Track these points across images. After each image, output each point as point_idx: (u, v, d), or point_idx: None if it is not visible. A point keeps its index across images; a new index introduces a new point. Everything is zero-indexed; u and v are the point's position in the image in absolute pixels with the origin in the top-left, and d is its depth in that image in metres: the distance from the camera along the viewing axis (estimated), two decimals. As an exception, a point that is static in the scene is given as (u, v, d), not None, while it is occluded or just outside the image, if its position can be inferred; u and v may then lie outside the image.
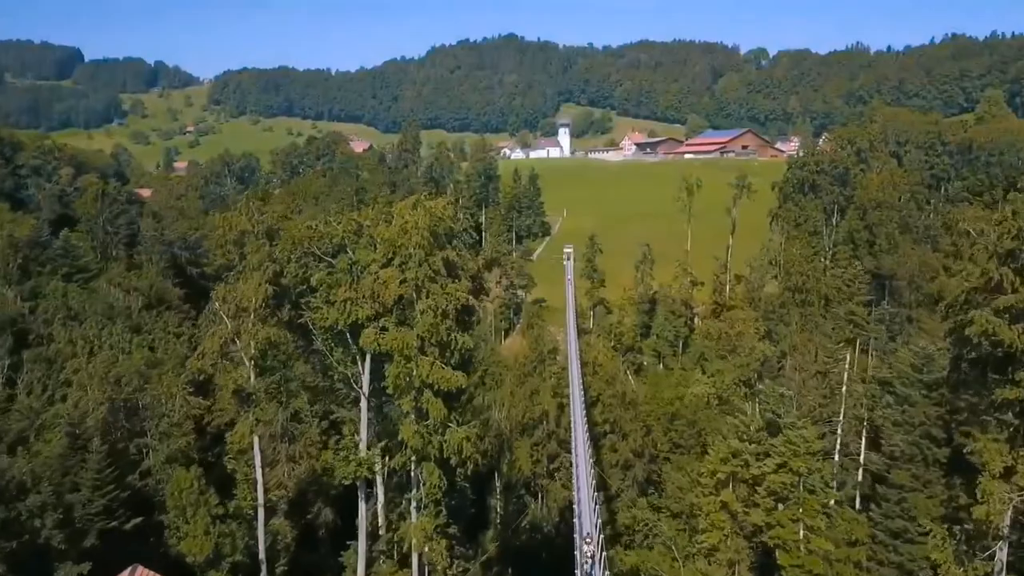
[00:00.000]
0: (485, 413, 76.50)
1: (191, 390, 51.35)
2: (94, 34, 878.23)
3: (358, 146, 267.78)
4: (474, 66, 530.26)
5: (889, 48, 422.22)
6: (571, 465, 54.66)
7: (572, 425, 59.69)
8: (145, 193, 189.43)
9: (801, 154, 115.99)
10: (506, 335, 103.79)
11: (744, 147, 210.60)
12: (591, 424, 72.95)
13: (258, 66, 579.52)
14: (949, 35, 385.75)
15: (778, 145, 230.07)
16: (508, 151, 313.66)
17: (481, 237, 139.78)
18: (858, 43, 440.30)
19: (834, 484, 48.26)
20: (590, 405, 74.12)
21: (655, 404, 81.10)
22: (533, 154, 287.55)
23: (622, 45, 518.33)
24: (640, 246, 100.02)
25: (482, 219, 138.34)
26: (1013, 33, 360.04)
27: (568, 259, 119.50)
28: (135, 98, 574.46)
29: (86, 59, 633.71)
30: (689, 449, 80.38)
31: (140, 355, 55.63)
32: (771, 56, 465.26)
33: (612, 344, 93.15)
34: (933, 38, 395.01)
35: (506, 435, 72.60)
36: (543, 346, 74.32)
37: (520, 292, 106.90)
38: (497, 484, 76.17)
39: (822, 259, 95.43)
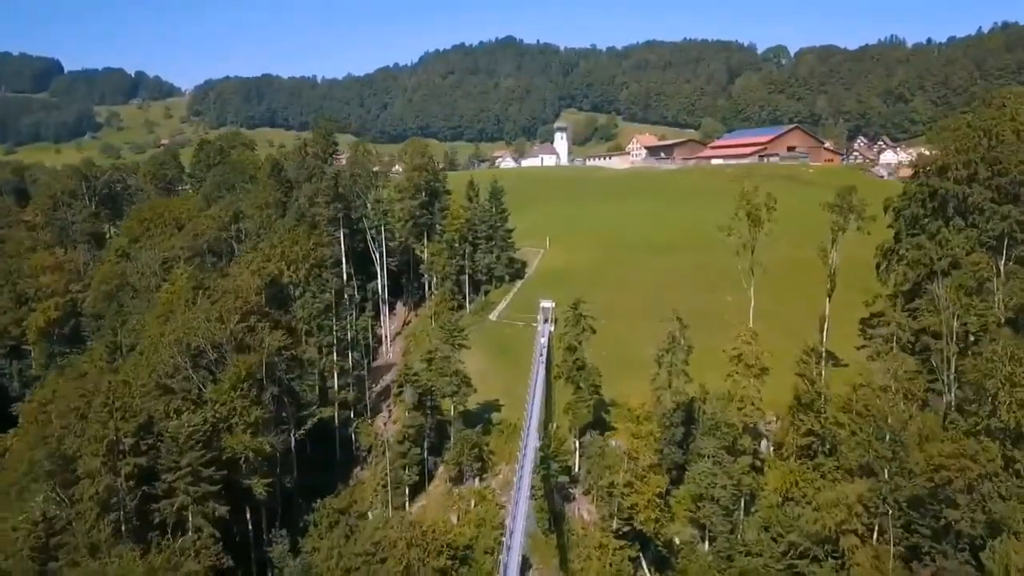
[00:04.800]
0: None
1: None
2: (73, 45, 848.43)
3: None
4: (469, 71, 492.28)
5: (929, 41, 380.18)
6: None
7: None
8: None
9: (926, 152, 70.54)
10: (416, 491, 56.96)
11: (790, 148, 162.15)
12: None
13: (241, 75, 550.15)
14: (999, 24, 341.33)
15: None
16: (502, 160, 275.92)
17: (420, 284, 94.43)
18: (893, 36, 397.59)
19: None
20: None
21: None
22: (525, 162, 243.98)
23: (627, 46, 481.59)
24: (666, 319, 54.44)
25: (423, 256, 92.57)
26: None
27: (545, 322, 74.75)
28: (111, 110, 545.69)
29: (65, 70, 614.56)
30: None
31: None
32: (792, 54, 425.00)
33: (617, 524, 47.81)
34: (980, 28, 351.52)
35: None
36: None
37: (451, 401, 59.14)
38: None
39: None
